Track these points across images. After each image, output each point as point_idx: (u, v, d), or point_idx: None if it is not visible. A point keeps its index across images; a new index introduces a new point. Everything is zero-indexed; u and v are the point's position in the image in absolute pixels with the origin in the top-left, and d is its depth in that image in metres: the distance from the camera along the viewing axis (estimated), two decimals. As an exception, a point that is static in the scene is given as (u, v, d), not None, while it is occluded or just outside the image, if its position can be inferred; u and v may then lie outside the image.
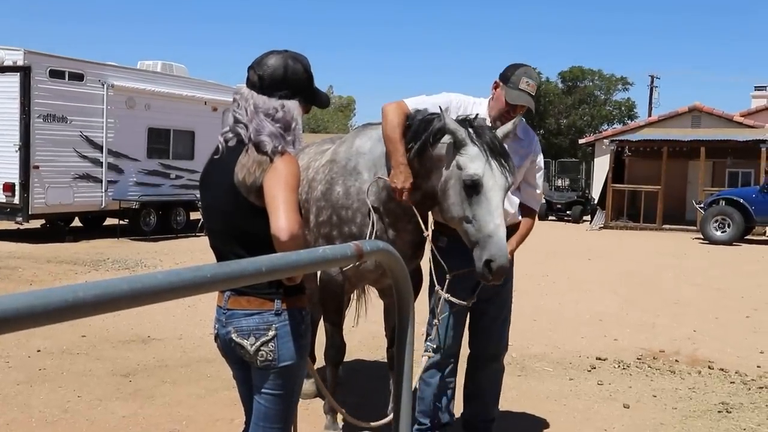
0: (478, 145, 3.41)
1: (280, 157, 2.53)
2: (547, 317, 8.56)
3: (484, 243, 3.33)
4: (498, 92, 3.91)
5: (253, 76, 2.68)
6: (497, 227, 3.32)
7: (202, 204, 2.85)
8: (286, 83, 2.65)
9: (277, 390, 2.61)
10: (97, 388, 5.38)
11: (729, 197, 19.90)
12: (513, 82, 3.84)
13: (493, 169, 3.39)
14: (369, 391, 5.32)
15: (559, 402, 5.46)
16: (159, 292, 1.32)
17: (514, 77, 3.84)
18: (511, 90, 3.83)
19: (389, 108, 3.77)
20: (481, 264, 3.33)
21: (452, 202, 3.49)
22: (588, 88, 55.79)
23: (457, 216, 3.46)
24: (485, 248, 3.32)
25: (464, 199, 3.42)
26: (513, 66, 3.93)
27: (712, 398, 5.61)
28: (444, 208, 3.57)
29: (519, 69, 3.88)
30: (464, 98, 4.01)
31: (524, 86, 3.83)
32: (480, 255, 3.35)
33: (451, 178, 3.49)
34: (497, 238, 3.31)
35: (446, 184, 3.53)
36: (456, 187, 3.46)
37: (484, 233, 3.34)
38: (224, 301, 2.65)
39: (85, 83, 15.26)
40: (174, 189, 17.48)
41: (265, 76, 2.64)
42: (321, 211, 4.03)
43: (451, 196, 3.49)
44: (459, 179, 3.44)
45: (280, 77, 2.64)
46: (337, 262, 1.92)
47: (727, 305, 9.80)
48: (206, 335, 6.97)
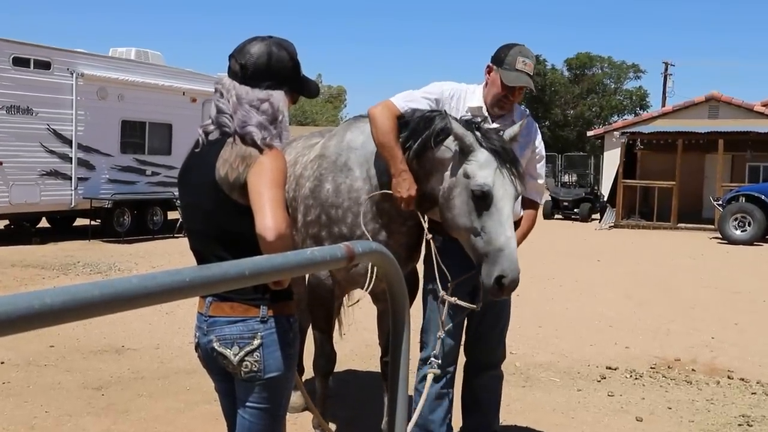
0: (487, 152, 3.40)
1: (265, 152, 2.53)
2: (554, 323, 8.58)
3: (495, 257, 3.32)
4: (493, 76, 3.90)
5: (234, 66, 2.67)
6: (509, 240, 3.31)
7: (181, 203, 2.84)
8: (270, 72, 2.64)
9: (263, 403, 2.61)
10: (67, 403, 5.36)
11: (749, 193, 19.94)
12: (508, 63, 3.82)
13: (504, 177, 3.39)
14: (362, 404, 5.32)
15: (567, 415, 5.47)
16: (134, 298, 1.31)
17: (509, 58, 3.83)
18: (508, 72, 3.82)
19: (376, 111, 3.75)
20: (491, 280, 3.32)
21: (458, 213, 3.47)
22: (597, 76, 55.95)
23: (464, 227, 3.45)
24: (496, 263, 3.31)
25: (472, 210, 3.41)
26: (505, 47, 3.92)
27: (731, 410, 5.63)
28: (447, 217, 3.55)
29: (513, 48, 3.87)
30: (457, 86, 4.00)
31: (521, 66, 3.82)
32: (490, 270, 3.33)
33: (457, 186, 3.48)
34: (509, 251, 3.30)
35: (450, 192, 3.51)
36: (462, 196, 3.44)
37: (494, 246, 3.32)
38: (206, 308, 2.65)
39: (53, 72, 15.21)
40: (150, 186, 17.43)
41: (247, 65, 2.64)
42: (309, 210, 4.03)
43: (457, 206, 3.47)
44: (466, 188, 3.42)
45: (264, 66, 2.64)
46: (326, 264, 1.91)
47: (748, 310, 9.84)
48: (186, 344, 6.96)
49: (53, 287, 1.21)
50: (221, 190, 2.56)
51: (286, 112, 2.67)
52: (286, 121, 2.66)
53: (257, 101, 2.61)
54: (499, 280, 3.30)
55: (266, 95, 2.62)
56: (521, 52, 3.85)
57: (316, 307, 4.22)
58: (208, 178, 2.58)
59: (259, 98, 2.61)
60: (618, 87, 56.76)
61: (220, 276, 1.53)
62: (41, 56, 15.08)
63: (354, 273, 4.01)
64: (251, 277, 1.61)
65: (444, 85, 3.98)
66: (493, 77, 3.89)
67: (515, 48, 3.87)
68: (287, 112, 2.68)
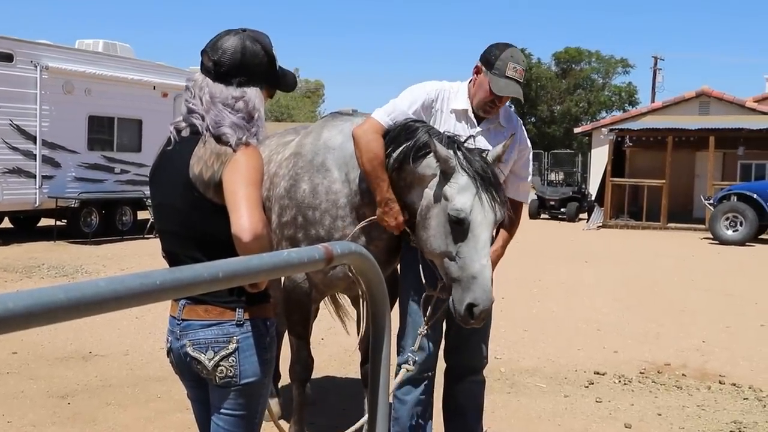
0: (468, 175, 3.40)
1: (241, 149, 2.52)
2: (540, 327, 8.61)
3: (468, 284, 3.34)
4: (481, 78, 3.88)
5: (207, 62, 2.66)
6: (483, 267, 3.33)
7: (153, 202, 2.83)
8: (245, 68, 2.63)
9: (239, 410, 2.61)
10: (30, 412, 5.32)
11: (741, 192, 20.09)
12: (498, 69, 3.80)
13: (483, 203, 3.38)
14: (340, 412, 5.32)
15: (553, 422, 5.49)
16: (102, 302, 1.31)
17: (500, 62, 3.80)
18: (497, 79, 3.80)
19: (360, 133, 3.72)
20: (462, 307, 3.34)
21: (433, 234, 3.48)
22: (584, 71, 56.27)
23: (438, 250, 3.47)
24: (468, 290, 3.33)
25: (448, 233, 3.42)
26: (496, 47, 3.88)
27: (723, 416, 5.68)
28: (422, 237, 3.56)
29: (504, 52, 3.83)
30: (440, 86, 3.97)
31: (511, 73, 3.80)
32: (462, 297, 3.35)
33: (435, 207, 3.48)
34: (482, 279, 3.32)
35: (428, 211, 3.52)
36: (440, 217, 3.45)
37: (468, 273, 3.34)
38: (179, 311, 2.64)
39: (15, 65, 15.07)
40: (119, 185, 17.34)
41: (220, 62, 2.63)
42: (284, 211, 4.02)
43: (433, 227, 3.48)
44: (444, 211, 3.43)
45: (238, 62, 2.63)
46: (304, 266, 1.91)
47: (740, 312, 9.93)
48: (156, 350, 6.93)
49: (16, 291, 1.20)
50: (195, 189, 2.55)
51: (262, 109, 2.66)
52: (262, 119, 2.66)
53: (231, 99, 2.60)
54: (470, 308, 3.32)
55: (240, 93, 2.61)
56: (513, 56, 3.82)
57: (293, 312, 4.22)
58: (182, 176, 2.57)
59: (233, 96, 2.60)
60: (606, 82, 57.11)
61: (192, 278, 1.52)
62: (3, 48, 14.93)
63: (332, 276, 4.00)
64: (225, 280, 1.60)
65: (426, 86, 3.94)
66: (482, 80, 3.87)
67: (507, 51, 3.83)
68: (263, 108, 2.67)
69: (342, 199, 3.89)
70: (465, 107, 3.93)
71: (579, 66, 56.28)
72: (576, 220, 26.12)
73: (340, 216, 3.90)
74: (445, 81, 4.05)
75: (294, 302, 4.17)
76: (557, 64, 56.17)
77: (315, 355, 4.45)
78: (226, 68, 2.62)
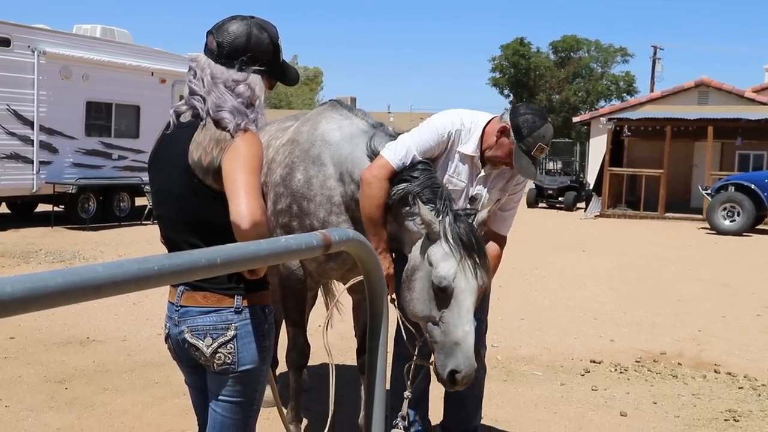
0: (451, 243, 3.38)
1: (240, 136, 2.51)
2: (537, 316, 8.63)
3: (450, 351, 3.32)
4: (505, 142, 3.78)
5: (211, 43, 2.65)
6: (466, 335, 3.30)
7: (152, 188, 2.82)
8: (248, 53, 2.62)
9: (236, 397, 2.61)
10: (28, 397, 5.33)
11: (739, 182, 20.08)
12: (526, 145, 3.72)
13: (466, 271, 3.37)
14: (338, 399, 5.33)
15: (549, 409, 5.51)
16: (99, 287, 1.31)
17: (530, 139, 3.71)
18: (521, 155, 3.73)
19: (369, 178, 3.68)
20: (444, 373, 3.33)
21: (417, 297, 3.47)
22: (583, 60, 56.06)
23: (421, 314, 3.46)
24: (451, 356, 3.31)
25: (432, 299, 3.41)
26: (530, 117, 3.76)
27: (718, 405, 5.70)
28: (406, 298, 3.53)
29: (538, 131, 3.72)
30: (454, 128, 3.87)
31: (536, 153, 3.75)
32: (444, 363, 3.34)
33: (420, 270, 3.47)
34: (465, 346, 3.29)
35: (413, 272, 3.51)
36: (424, 281, 3.44)
37: (450, 339, 3.32)
38: (177, 297, 2.63)
39: (12, 49, 15.00)
40: (116, 171, 17.31)
41: (224, 44, 2.62)
42: (279, 198, 4.02)
43: (417, 290, 3.47)
44: (428, 276, 3.42)
45: (242, 46, 2.62)
46: (302, 253, 1.91)
47: (736, 302, 9.95)
48: (154, 336, 6.94)
49: (14, 275, 1.20)
50: (194, 175, 2.54)
51: (262, 96, 2.65)
52: (261, 106, 2.65)
53: (232, 82, 2.59)
54: (452, 374, 3.32)
55: (243, 76, 2.60)
56: (544, 136, 3.75)
57: (288, 299, 4.23)
58: (181, 162, 2.57)
59: (234, 79, 2.59)
60: (605, 71, 56.88)
61: (190, 264, 1.52)
62: (0, 33, 14.88)
63: (325, 266, 4.02)
64: (223, 266, 1.61)
65: (441, 127, 3.85)
66: (505, 144, 3.78)
67: (540, 131, 3.73)
68: (264, 96, 2.66)
69: (336, 197, 3.90)
70: (473, 154, 3.87)
71: (578, 55, 56.07)
72: (574, 210, 26.12)
73: (334, 212, 3.91)
74: (465, 113, 3.96)
75: (289, 289, 4.18)
76: (555, 52, 55.95)
77: (311, 342, 4.46)
78: (229, 50, 2.61)
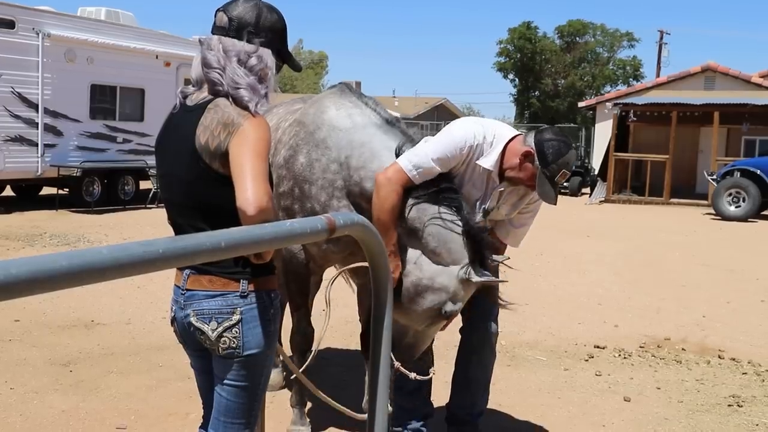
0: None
1: (249, 120, 2.50)
2: (541, 300, 8.64)
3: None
4: (529, 167, 3.73)
5: (221, 18, 2.64)
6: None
7: (158, 171, 2.81)
8: (258, 29, 2.62)
9: (241, 381, 2.62)
10: (33, 379, 5.35)
11: (745, 168, 20.03)
12: (550, 171, 3.69)
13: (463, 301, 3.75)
14: (341, 383, 5.35)
15: (553, 394, 5.52)
16: (104, 270, 1.31)
17: (555, 166, 3.68)
18: (544, 180, 3.70)
19: (384, 181, 3.65)
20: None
21: (418, 318, 3.78)
22: (589, 44, 55.78)
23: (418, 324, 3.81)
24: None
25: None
26: (556, 143, 3.72)
27: (721, 391, 5.71)
28: (408, 309, 3.75)
29: (563, 157, 3.69)
30: (476, 141, 3.78)
31: (559, 179, 3.73)
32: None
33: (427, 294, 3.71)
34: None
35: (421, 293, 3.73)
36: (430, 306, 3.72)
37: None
38: (183, 281, 2.63)
39: (17, 32, 14.97)
40: (121, 154, 17.30)
41: (234, 18, 2.61)
42: (282, 180, 4.02)
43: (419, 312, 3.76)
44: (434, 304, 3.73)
45: (253, 20, 2.62)
46: (306, 236, 1.91)
47: (741, 288, 9.95)
48: (158, 319, 6.96)
49: (18, 258, 1.20)
50: (201, 159, 2.53)
51: (274, 68, 2.64)
52: (272, 80, 2.64)
53: (245, 54, 2.58)
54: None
55: (254, 48, 2.59)
56: (568, 163, 3.72)
57: (291, 282, 4.24)
58: (187, 145, 2.55)
59: (246, 51, 2.58)
60: (611, 56, 56.60)
61: (194, 247, 1.52)
62: (5, 15, 14.82)
63: (327, 250, 4.02)
64: (227, 249, 1.60)
65: (466, 139, 3.76)
66: (529, 169, 3.73)
67: (565, 158, 3.70)
68: (275, 69, 2.66)
69: (339, 182, 3.89)
70: (491, 169, 3.81)
71: (584, 39, 55.78)
72: (579, 195, 26.06)
73: (336, 196, 3.90)
74: (488, 124, 3.91)
75: (292, 273, 4.19)
76: (561, 37, 55.65)
77: (315, 326, 4.46)
78: (239, 24, 2.60)
